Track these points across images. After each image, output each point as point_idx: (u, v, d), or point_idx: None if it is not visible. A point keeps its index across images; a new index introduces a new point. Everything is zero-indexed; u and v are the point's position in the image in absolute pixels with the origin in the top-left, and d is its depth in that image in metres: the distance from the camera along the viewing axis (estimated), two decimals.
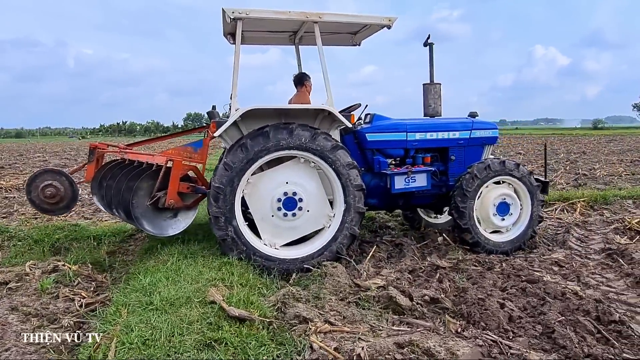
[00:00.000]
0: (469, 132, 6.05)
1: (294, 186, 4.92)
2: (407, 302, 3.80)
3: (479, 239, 5.43)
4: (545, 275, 4.62)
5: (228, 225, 4.69)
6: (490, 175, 5.47)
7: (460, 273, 4.65)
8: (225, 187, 4.68)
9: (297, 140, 4.77)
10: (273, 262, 4.78)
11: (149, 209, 5.10)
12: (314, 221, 5.04)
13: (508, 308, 3.61)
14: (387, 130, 5.79)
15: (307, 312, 3.59)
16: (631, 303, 3.88)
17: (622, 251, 5.19)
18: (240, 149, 4.71)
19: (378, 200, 5.85)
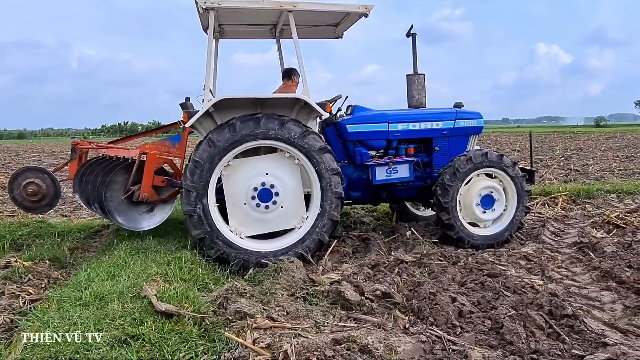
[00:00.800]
0: (452, 122, 5.89)
1: (273, 179, 4.80)
2: (356, 297, 3.64)
3: (463, 233, 5.25)
4: (510, 270, 4.46)
5: (198, 201, 4.57)
6: (472, 168, 5.29)
7: (422, 267, 4.49)
8: (204, 163, 4.56)
9: (287, 133, 4.67)
10: (234, 250, 4.64)
11: (123, 202, 5.03)
12: (285, 219, 4.90)
13: (459, 303, 3.44)
14: (368, 121, 5.65)
15: (249, 307, 3.43)
16: (591, 297, 3.70)
17: (594, 245, 5.01)
18: (229, 128, 4.60)
19: (361, 193, 5.73)
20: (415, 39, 5.88)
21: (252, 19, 5.73)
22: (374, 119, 5.66)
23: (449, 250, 5.12)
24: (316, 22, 5.84)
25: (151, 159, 4.99)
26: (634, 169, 12.90)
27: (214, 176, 4.62)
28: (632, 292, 3.75)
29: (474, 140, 6.06)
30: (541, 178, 11.38)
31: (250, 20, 5.78)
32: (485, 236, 5.34)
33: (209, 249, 4.60)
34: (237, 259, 4.63)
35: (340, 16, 5.54)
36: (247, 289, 3.73)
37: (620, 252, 4.74)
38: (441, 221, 5.27)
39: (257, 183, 4.75)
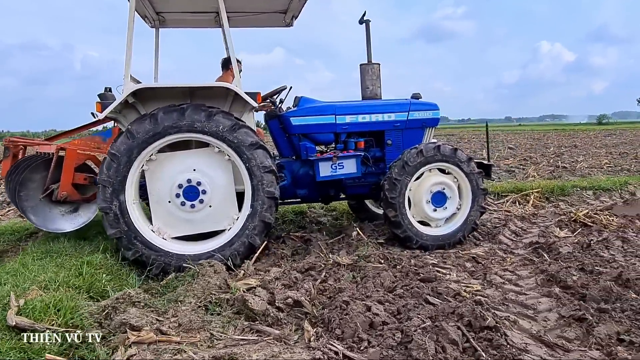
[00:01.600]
0: (406, 114, 5.47)
1: (201, 175, 4.42)
2: (262, 306, 3.25)
3: (410, 232, 4.84)
4: (451, 273, 4.07)
5: (114, 198, 4.19)
6: (423, 161, 4.87)
7: (356, 271, 4.10)
8: (122, 156, 4.19)
9: (215, 126, 4.29)
10: (153, 252, 4.27)
11: (42, 202, 4.68)
12: (214, 219, 4.52)
13: (373, 312, 3.04)
14: (314, 113, 5.27)
15: (138, 319, 3.07)
16: (527, 304, 3.29)
17: (550, 245, 4.61)
18: (150, 119, 4.23)
19: (308, 191, 5.36)
20: (369, 26, 5.47)
21: (190, 5, 5.36)
22: (319, 111, 5.28)
23: (394, 251, 4.72)
24: (262, 8, 5.52)
25: (70, 154, 4.64)
26: (622, 166, 12.46)
27: (133, 171, 4.25)
28: (576, 298, 3.35)
29: (431, 133, 5.65)
30: (525, 175, 10.99)
31: (189, 7, 5.41)
32: (436, 236, 4.93)
33: (126, 250, 4.23)
34: (157, 262, 4.26)
35: (285, 0, 5.19)
36: (142, 297, 3.35)
37: (577, 254, 4.33)
38: (388, 218, 4.87)
39: (182, 180, 4.37)
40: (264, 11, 5.61)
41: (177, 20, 5.80)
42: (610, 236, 4.95)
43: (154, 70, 5.72)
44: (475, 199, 4.97)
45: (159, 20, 5.65)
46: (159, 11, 5.48)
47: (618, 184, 7.66)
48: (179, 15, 5.66)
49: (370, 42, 5.51)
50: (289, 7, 5.48)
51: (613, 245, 4.70)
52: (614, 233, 5.12)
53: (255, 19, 5.78)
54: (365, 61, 5.54)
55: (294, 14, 5.71)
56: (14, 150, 5.47)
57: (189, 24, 5.98)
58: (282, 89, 5.37)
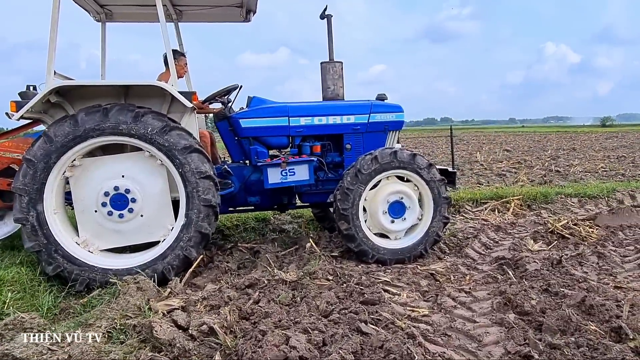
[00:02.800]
0: (367, 116, 5.06)
1: (130, 182, 4.05)
2: (170, 334, 2.86)
3: (366, 246, 4.43)
4: (401, 293, 3.67)
5: (31, 208, 3.81)
6: (379, 169, 4.46)
7: (299, 289, 3.71)
8: (38, 162, 3.81)
9: (143, 128, 3.90)
10: (76, 266, 3.89)
11: None
12: (147, 230, 4.14)
13: (291, 345, 2.64)
14: (265, 115, 4.89)
15: (24, 349, 2.70)
16: (472, 335, 2.88)
17: (517, 261, 4.20)
18: (70, 121, 3.86)
19: (260, 198, 4.99)
20: (330, 21, 5.07)
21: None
22: (271, 113, 4.90)
23: (347, 266, 4.32)
24: (215, 2, 5.19)
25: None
26: (618, 170, 12.00)
27: (52, 178, 3.88)
28: (532, 327, 2.94)
29: (394, 137, 5.23)
30: (515, 179, 10.57)
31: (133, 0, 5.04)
32: (394, 249, 4.50)
33: (46, 264, 3.86)
34: (81, 278, 3.89)
35: None
36: (36, 323, 2.97)
37: (545, 271, 3.92)
38: (341, 231, 4.46)
39: (109, 187, 4.01)
40: (218, 5, 5.27)
41: (123, 14, 5.43)
42: (586, 250, 4.55)
43: (101, 67, 5.38)
44: (438, 209, 4.54)
45: (105, 14, 5.30)
46: (103, 4, 5.14)
47: (605, 191, 7.22)
48: (125, 8, 5.29)
49: (332, 38, 5.11)
50: (244, 1, 5.14)
51: (587, 262, 4.30)
52: (592, 247, 4.72)
53: (210, 14, 5.45)
54: (327, 59, 5.14)
55: (249, 9, 5.36)
56: None
57: (136, 18, 5.58)
58: (232, 88, 4.96)
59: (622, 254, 4.56)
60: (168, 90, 4.06)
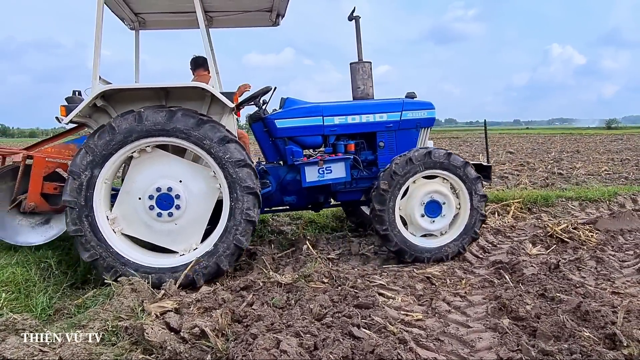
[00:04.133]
0: (399, 114, 5.08)
1: (184, 190, 4.10)
2: (161, 337, 2.85)
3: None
4: (395, 297, 3.65)
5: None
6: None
7: (294, 292, 3.70)
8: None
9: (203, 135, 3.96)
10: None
11: (10, 214, 4.38)
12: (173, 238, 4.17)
13: (282, 349, 2.63)
14: (300, 115, 4.93)
15: (15, 350, 2.71)
16: (465, 341, 2.86)
17: (514, 265, 4.16)
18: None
19: (295, 197, 5.02)
20: (358, 23, 5.14)
21: (169, 6, 5.08)
22: (306, 113, 4.93)
23: (343, 269, 4.32)
24: (245, 7, 5.23)
25: (38, 162, 4.31)
26: (621, 173, 11.92)
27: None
28: (526, 332, 2.92)
29: (426, 134, 5.26)
30: (517, 182, 10.51)
31: (168, 7, 5.13)
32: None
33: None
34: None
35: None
36: (28, 324, 2.97)
37: (542, 276, 3.89)
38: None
39: (164, 185, 4.05)
40: (248, 10, 5.31)
41: (157, 21, 5.50)
42: (584, 255, 4.52)
43: (135, 73, 5.45)
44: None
45: (139, 22, 5.40)
46: (138, 12, 5.22)
47: (607, 194, 7.17)
48: (159, 16, 5.37)
49: (360, 40, 5.17)
50: (274, 5, 5.19)
51: (585, 266, 4.27)
52: (591, 251, 4.68)
53: (239, 19, 5.50)
54: (355, 59, 5.20)
55: (279, 12, 5.40)
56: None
57: (170, 26, 5.67)
58: (266, 90, 4.99)
59: (621, 259, 4.53)
60: (211, 91, 4.08)
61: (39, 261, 4.13)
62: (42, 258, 4.19)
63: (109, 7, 4.75)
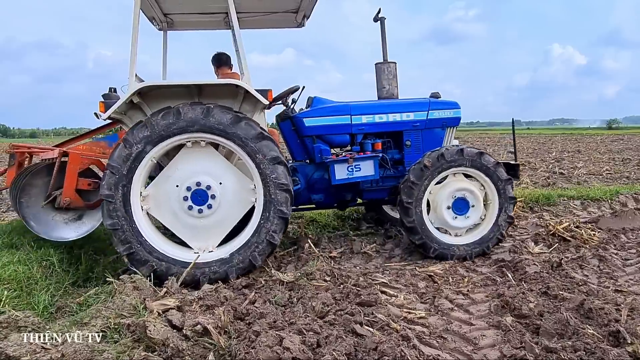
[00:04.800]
0: (425, 113, 5.15)
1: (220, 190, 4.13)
2: (163, 334, 2.84)
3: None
4: (398, 295, 3.64)
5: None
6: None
7: (295, 290, 3.70)
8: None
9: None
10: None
11: (45, 209, 4.43)
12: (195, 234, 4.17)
13: (284, 347, 2.62)
14: (328, 113, 4.98)
15: (17, 347, 2.69)
16: (468, 338, 2.86)
17: (517, 263, 4.15)
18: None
19: (323, 195, 5.04)
20: (384, 24, 5.23)
21: (199, 6, 5.17)
22: (334, 111, 4.97)
23: (345, 267, 4.33)
24: (272, 8, 5.29)
25: (74, 159, 4.35)
26: (623, 173, 11.90)
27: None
28: (529, 330, 2.91)
29: (452, 133, 5.31)
30: (518, 182, 10.50)
31: (198, 8, 5.22)
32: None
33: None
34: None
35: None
36: (30, 322, 2.97)
37: (544, 274, 3.88)
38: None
39: (203, 180, 4.07)
40: (275, 11, 5.38)
41: (185, 22, 5.61)
42: (587, 253, 4.50)
43: (162, 72, 5.52)
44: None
45: (167, 23, 5.48)
46: (167, 13, 5.29)
47: (609, 193, 7.15)
48: (188, 16, 5.47)
49: (385, 41, 5.26)
50: (300, 6, 5.26)
51: (588, 265, 4.26)
52: (593, 250, 4.67)
53: (265, 20, 5.56)
54: (380, 60, 5.28)
55: (305, 14, 5.49)
56: (20, 159, 5.39)
57: (197, 26, 5.78)
58: (294, 89, 5.03)
59: (624, 257, 4.52)
60: (247, 89, 4.10)
61: (41, 259, 4.12)
62: (44, 256, 4.18)
63: (141, 8, 4.78)
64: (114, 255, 4.62)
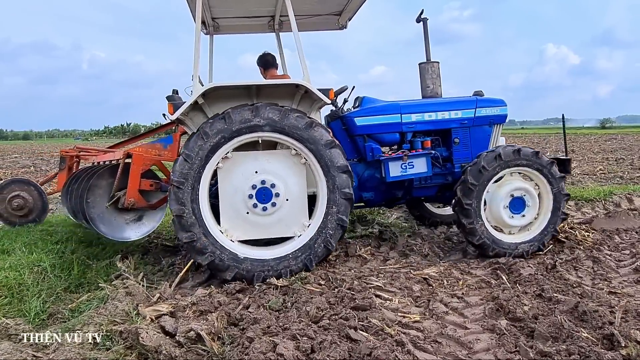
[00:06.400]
0: (473, 111, 5.20)
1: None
2: (156, 341, 2.82)
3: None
4: (393, 299, 3.63)
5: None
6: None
7: (290, 294, 3.68)
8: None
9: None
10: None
11: (108, 210, 4.52)
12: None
13: (278, 353, 2.60)
14: (379, 112, 5.03)
15: (8, 356, 2.66)
16: (463, 342, 2.84)
17: (511, 266, 4.16)
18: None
19: (374, 194, 5.10)
20: (426, 24, 5.29)
21: (247, 10, 5.28)
22: (384, 110, 5.03)
23: (340, 270, 4.32)
24: (317, 10, 5.34)
25: (137, 160, 4.46)
26: (616, 173, 11.96)
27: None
28: (523, 333, 2.90)
29: (499, 130, 5.35)
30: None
31: (246, 12, 5.32)
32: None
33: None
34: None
35: (343, 1, 5.08)
36: (21, 328, 2.94)
37: (539, 276, 3.88)
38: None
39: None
40: (319, 14, 5.44)
41: (231, 26, 5.73)
42: (581, 255, 4.51)
43: (209, 77, 5.58)
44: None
45: (214, 27, 5.57)
46: (215, 17, 5.37)
47: (602, 194, 7.18)
48: (234, 20, 5.59)
49: (428, 41, 5.32)
50: (345, 8, 5.31)
51: (582, 266, 4.26)
52: (587, 251, 4.68)
53: (307, 23, 5.58)
54: (423, 60, 5.37)
55: (349, 16, 5.56)
56: (69, 163, 5.60)
57: (242, 30, 5.89)
58: (344, 89, 5.08)
59: (618, 259, 4.53)
60: (310, 88, 4.15)
61: (33, 265, 4.09)
62: (36, 261, 4.15)
63: (193, 13, 4.87)
64: (106, 260, 4.59)
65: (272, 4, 5.14)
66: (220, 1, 4.91)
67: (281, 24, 5.74)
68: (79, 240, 4.91)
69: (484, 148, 5.14)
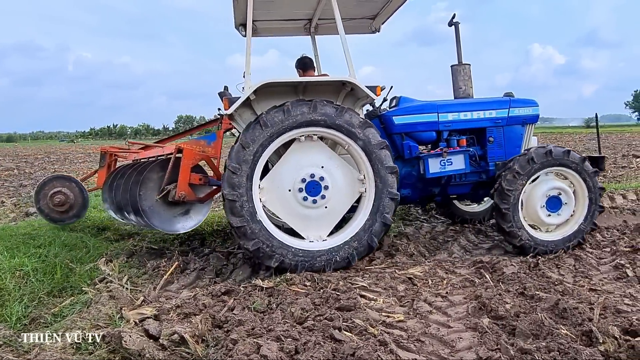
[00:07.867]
0: (506, 111, 5.35)
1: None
2: (140, 344, 2.81)
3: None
4: (377, 299, 3.65)
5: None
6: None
7: (275, 296, 3.68)
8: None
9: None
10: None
11: (158, 203, 4.57)
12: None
13: (262, 354, 2.60)
14: (416, 111, 5.18)
15: None
16: (445, 341, 2.86)
17: (495, 264, 4.20)
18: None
19: (411, 191, 5.21)
20: (458, 28, 5.43)
21: (286, 13, 5.42)
22: (422, 109, 5.17)
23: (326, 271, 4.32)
24: (352, 14, 5.44)
25: (188, 154, 4.54)
26: None
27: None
28: (505, 331, 2.94)
29: (531, 130, 5.49)
30: None
31: (285, 14, 5.45)
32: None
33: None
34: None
35: (381, 3, 5.20)
36: (2, 334, 2.91)
37: (522, 274, 3.93)
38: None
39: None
40: (353, 17, 5.54)
41: (269, 28, 5.86)
42: (563, 253, 4.58)
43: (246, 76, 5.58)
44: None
45: (253, 30, 5.52)
46: (256, 19, 5.42)
47: None
48: (272, 23, 5.73)
49: (460, 43, 5.44)
50: (380, 12, 5.42)
51: (564, 264, 4.33)
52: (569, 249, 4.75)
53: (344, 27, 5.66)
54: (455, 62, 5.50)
55: (383, 20, 5.65)
56: (109, 160, 5.73)
57: (279, 32, 6.01)
58: (383, 88, 5.11)
59: (598, 256, 4.60)
60: (359, 85, 4.27)
61: (15, 269, 4.03)
62: (18, 265, 4.09)
63: (235, 13, 5.06)
64: (90, 263, 4.55)
65: (312, 7, 5.26)
66: (263, 4, 4.98)
67: (317, 27, 5.85)
68: (62, 243, 4.85)
69: (517, 147, 5.33)
